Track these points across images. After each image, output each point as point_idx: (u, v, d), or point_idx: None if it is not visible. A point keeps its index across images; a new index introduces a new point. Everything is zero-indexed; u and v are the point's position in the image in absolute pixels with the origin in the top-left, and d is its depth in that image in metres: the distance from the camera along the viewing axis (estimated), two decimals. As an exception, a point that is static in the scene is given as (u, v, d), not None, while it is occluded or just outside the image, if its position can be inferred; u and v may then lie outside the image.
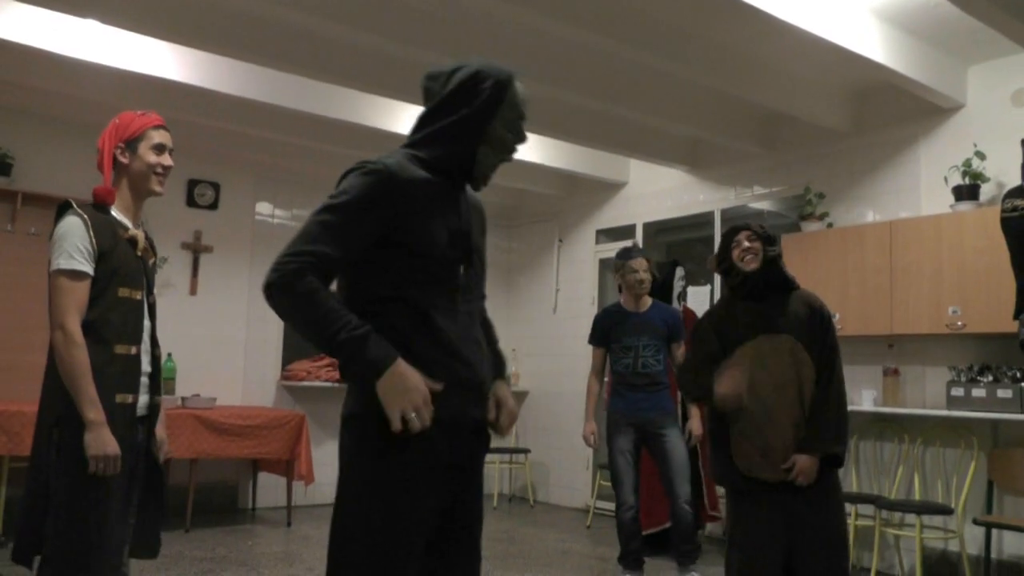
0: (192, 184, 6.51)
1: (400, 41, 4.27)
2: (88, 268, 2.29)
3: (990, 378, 4.60)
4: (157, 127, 2.47)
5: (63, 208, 2.38)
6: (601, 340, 4.71)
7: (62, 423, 2.25)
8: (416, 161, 1.84)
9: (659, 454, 4.51)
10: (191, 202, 6.51)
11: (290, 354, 6.93)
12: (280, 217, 6.97)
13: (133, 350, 2.38)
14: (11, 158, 5.62)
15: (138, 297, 2.41)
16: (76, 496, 2.24)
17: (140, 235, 2.46)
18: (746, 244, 3.06)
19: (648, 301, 4.67)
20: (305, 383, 6.68)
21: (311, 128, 5.87)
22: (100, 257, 2.32)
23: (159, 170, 2.47)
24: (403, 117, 5.72)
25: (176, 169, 6.26)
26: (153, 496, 2.47)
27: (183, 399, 5.83)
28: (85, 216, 2.32)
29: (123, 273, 2.37)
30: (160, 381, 2.53)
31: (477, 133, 1.86)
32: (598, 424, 4.70)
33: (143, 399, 2.44)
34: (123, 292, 2.36)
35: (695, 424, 4.64)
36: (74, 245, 2.28)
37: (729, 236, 3.13)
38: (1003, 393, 4.46)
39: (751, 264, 3.03)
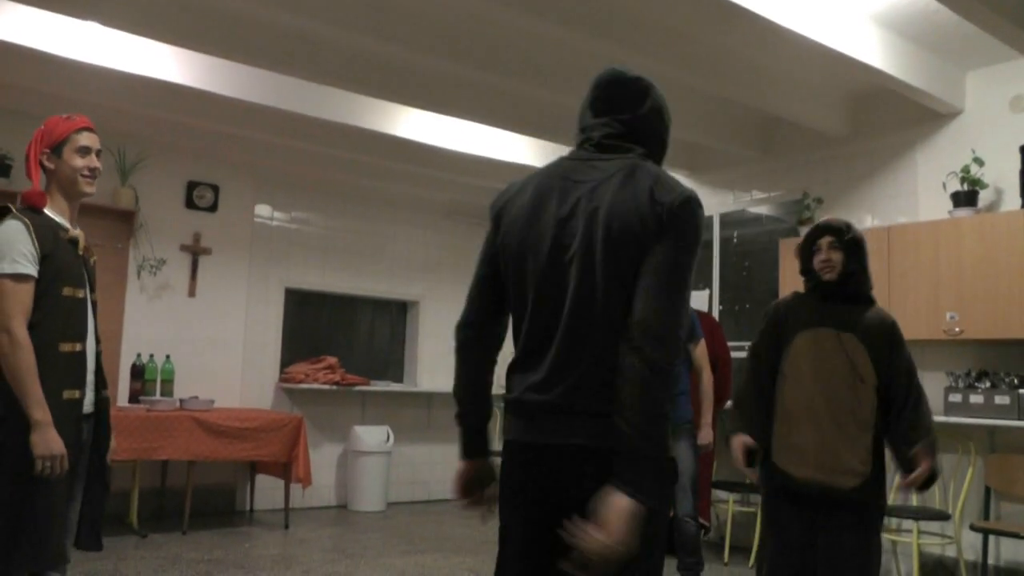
0: (191, 186, 6.50)
1: (399, 45, 4.28)
2: (32, 271, 2.34)
3: (988, 384, 4.61)
4: (81, 130, 2.51)
5: (1, 213, 2.41)
6: None
7: (2, 423, 2.29)
8: None
9: None
10: (190, 204, 6.50)
11: (288, 356, 6.94)
12: (279, 219, 6.96)
13: (78, 347, 2.44)
14: (10, 159, 5.61)
15: (81, 295, 2.47)
16: (14, 495, 2.28)
17: (81, 235, 2.52)
18: (825, 255, 2.91)
19: None
20: (303, 385, 6.67)
21: (311, 131, 5.87)
22: (43, 259, 2.36)
23: (86, 172, 2.51)
24: (401, 120, 5.72)
25: (175, 171, 6.45)
26: (100, 491, 2.52)
27: (181, 400, 5.82)
28: (26, 220, 2.36)
29: (66, 273, 2.42)
30: (104, 376, 2.57)
31: (660, 161, 1.95)
32: None
33: (89, 395, 2.49)
34: (67, 291, 2.42)
35: (704, 434, 4.60)
36: (17, 250, 2.32)
37: (812, 237, 2.96)
38: (1001, 399, 4.46)
39: (828, 275, 2.90)
